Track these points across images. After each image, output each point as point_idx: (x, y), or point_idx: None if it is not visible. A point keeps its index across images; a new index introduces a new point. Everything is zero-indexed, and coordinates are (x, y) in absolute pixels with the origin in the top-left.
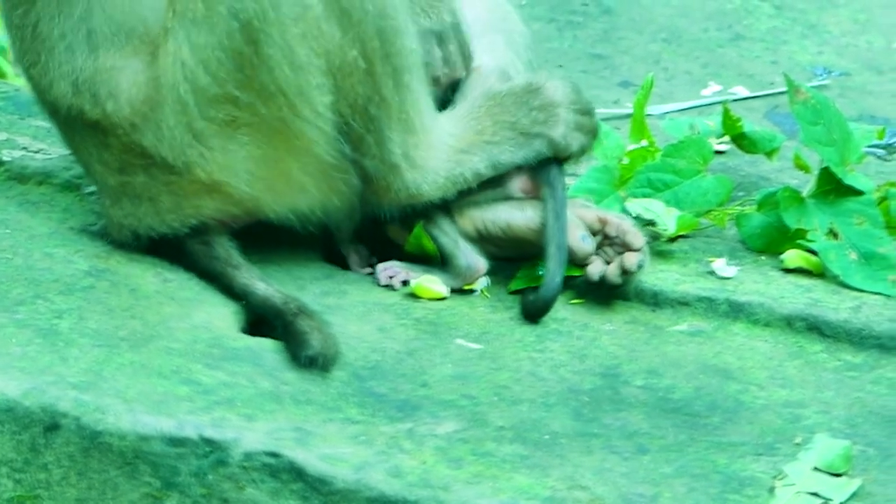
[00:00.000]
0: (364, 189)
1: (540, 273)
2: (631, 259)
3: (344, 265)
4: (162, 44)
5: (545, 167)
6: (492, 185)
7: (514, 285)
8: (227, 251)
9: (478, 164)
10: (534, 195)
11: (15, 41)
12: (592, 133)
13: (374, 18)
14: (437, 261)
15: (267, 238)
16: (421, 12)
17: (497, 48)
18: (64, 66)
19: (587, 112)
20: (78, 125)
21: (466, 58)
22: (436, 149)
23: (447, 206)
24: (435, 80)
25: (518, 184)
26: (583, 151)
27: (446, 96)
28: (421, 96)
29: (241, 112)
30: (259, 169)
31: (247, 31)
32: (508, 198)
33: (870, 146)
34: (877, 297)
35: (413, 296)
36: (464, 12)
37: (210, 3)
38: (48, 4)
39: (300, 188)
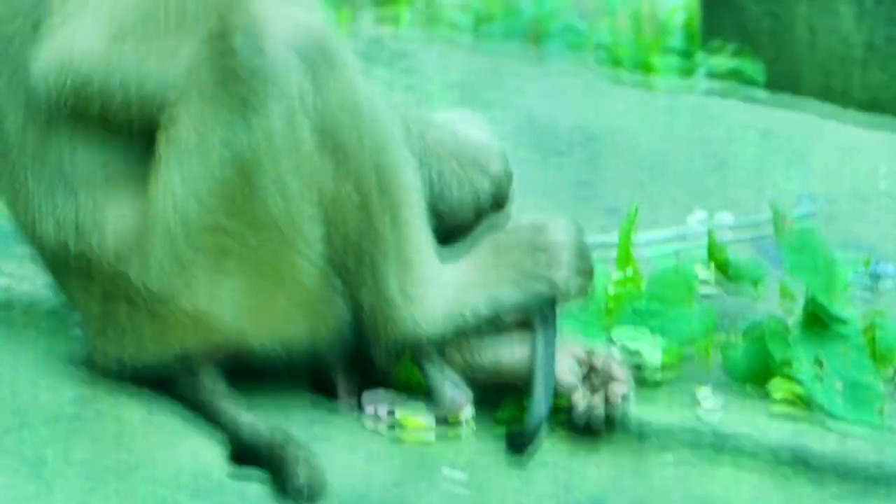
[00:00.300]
0: (358, 323)
1: (526, 405)
2: (616, 391)
3: (331, 392)
4: (152, 173)
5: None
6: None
7: (501, 416)
8: (212, 381)
9: (478, 304)
10: (524, 326)
11: None
12: (590, 276)
13: (371, 153)
14: (424, 390)
15: (254, 365)
16: (455, 182)
17: None
18: (44, 206)
19: (586, 254)
20: (61, 258)
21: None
22: (435, 286)
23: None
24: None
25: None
26: (580, 293)
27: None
28: (420, 231)
29: (231, 242)
30: (246, 299)
31: (239, 161)
32: (499, 327)
33: (855, 275)
34: (863, 427)
35: (399, 425)
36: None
37: (203, 133)
38: (21, 155)
39: (288, 319)
